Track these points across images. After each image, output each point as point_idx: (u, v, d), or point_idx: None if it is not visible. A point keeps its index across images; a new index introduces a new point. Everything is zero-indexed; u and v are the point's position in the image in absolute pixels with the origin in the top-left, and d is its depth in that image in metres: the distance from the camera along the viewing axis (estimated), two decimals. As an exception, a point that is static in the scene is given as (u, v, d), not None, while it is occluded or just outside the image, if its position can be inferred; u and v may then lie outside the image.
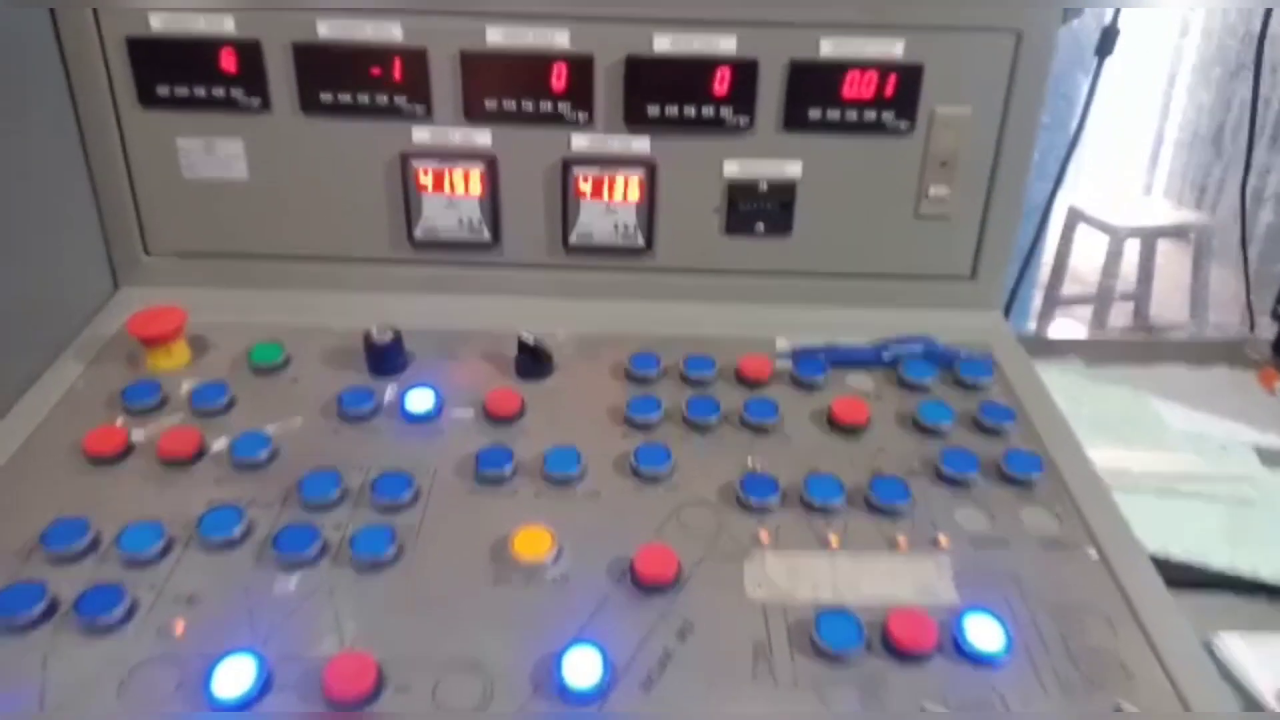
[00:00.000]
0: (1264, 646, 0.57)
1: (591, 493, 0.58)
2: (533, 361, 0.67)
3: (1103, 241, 2.95)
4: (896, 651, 0.47)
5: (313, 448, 0.60)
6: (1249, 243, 1.09)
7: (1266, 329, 1.02)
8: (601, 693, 0.44)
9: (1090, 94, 0.85)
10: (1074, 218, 3.03)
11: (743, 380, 0.68)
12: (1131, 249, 2.97)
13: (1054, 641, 0.48)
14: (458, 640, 0.47)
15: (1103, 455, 0.72)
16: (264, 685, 0.44)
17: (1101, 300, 3.01)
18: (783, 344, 0.71)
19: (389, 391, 0.65)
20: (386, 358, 0.67)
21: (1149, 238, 2.99)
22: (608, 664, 0.45)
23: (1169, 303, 3.13)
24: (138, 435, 0.60)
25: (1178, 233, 3.05)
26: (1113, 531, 0.57)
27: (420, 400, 0.63)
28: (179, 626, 0.47)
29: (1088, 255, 3.10)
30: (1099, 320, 3.04)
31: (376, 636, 0.47)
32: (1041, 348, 0.96)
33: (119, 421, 0.61)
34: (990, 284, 0.76)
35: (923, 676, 0.46)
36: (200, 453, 0.59)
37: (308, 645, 0.47)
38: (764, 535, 0.55)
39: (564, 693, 0.44)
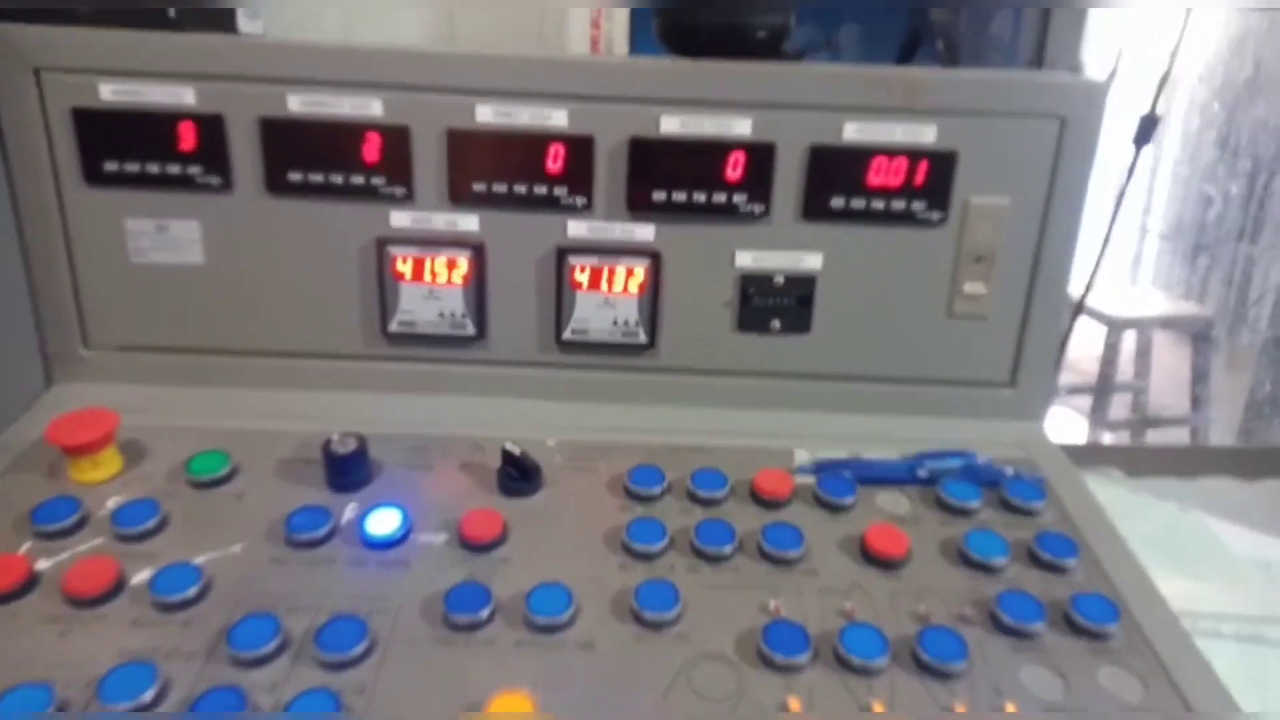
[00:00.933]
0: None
1: (584, 643, 0.48)
2: (518, 476, 0.59)
3: (1097, 331, 2.91)
4: None
5: (251, 583, 0.50)
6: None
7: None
8: None
9: (1126, 184, 0.79)
10: (1073, 308, 3.00)
11: (759, 499, 0.59)
12: (1128, 340, 2.93)
13: None
14: None
15: (1166, 590, 0.63)
16: None
17: (1101, 391, 2.95)
18: (803, 456, 0.63)
19: (348, 511, 0.56)
20: (347, 470, 0.58)
21: (1145, 328, 2.96)
22: None
23: (1166, 395, 3.08)
24: (43, 565, 0.50)
25: (1175, 324, 3.02)
26: (1207, 695, 0.47)
27: (383, 522, 0.54)
28: (55, 831, 0.37)
29: (1082, 345, 3.06)
30: (1099, 411, 2.98)
31: None
32: (1077, 456, 0.88)
33: (24, 548, 0.52)
34: (1031, 391, 0.68)
35: None
36: (116, 587, 0.49)
37: None
38: (793, 703, 0.45)
39: None
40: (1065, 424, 3.17)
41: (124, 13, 0.59)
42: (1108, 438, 2.92)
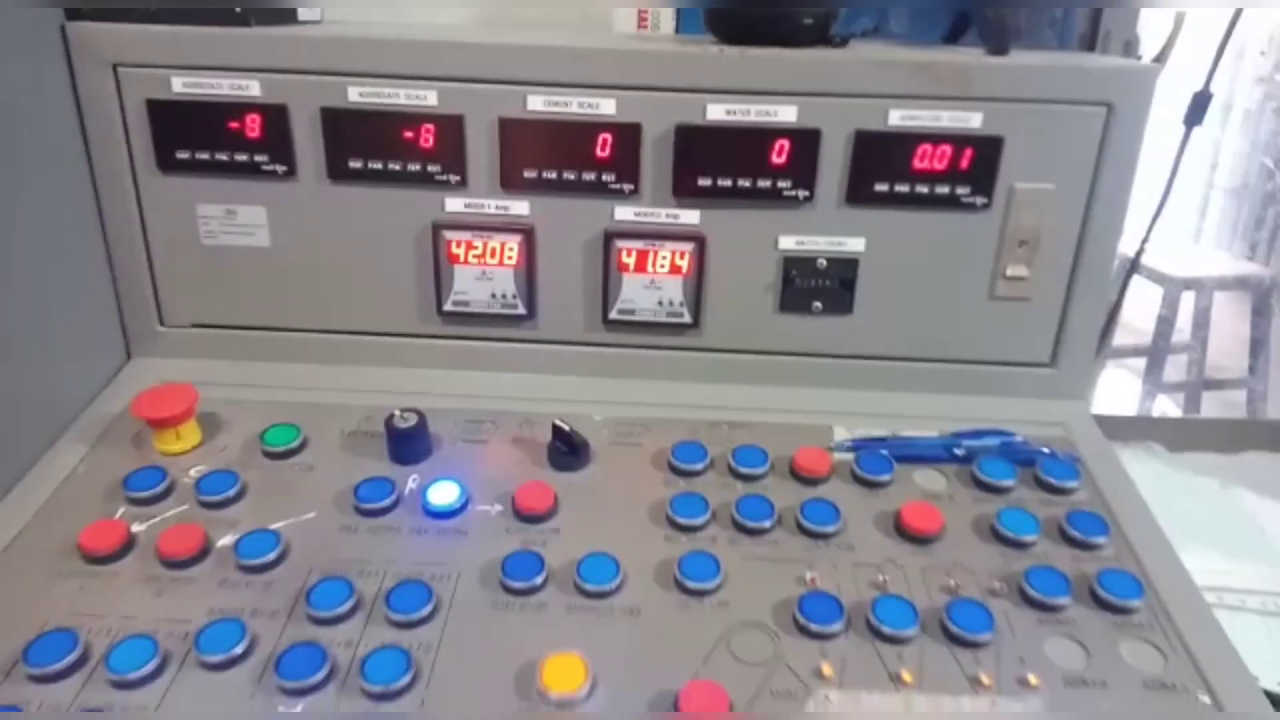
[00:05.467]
0: None
1: (630, 609, 0.51)
2: (567, 450, 0.62)
3: (1154, 291, 2.85)
4: (990, 832, 0.40)
5: (325, 547, 0.55)
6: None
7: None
8: None
9: (1176, 165, 0.79)
10: (1124, 267, 2.94)
11: (798, 475, 0.62)
12: (1186, 301, 2.87)
13: (1175, 820, 0.41)
14: (477, 798, 0.41)
15: (1199, 568, 0.64)
16: None
17: (1157, 353, 2.90)
18: (841, 434, 0.65)
19: (410, 482, 0.60)
20: (409, 444, 0.61)
21: (1206, 289, 2.89)
22: (650, 838, 0.38)
23: (1226, 356, 3.01)
24: (138, 528, 0.55)
25: (1235, 285, 2.94)
26: (1226, 671, 0.49)
27: (443, 494, 0.58)
28: (164, 768, 0.42)
29: (1140, 305, 3.00)
30: (1154, 373, 2.93)
31: (384, 790, 0.41)
32: (1119, 429, 0.89)
33: (119, 513, 0.57)
34: (1073, 372, 0.69)
35: None
36: (204, 551, 0.54)
37: (306, 799, 0.41)
38: (826, 669, 0.48)
39: None
40: (1119, 386, 3.13)
41: (193, 10, 0.62)
42: (1161, 400, 2.87)
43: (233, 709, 0.45)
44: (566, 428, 0.62)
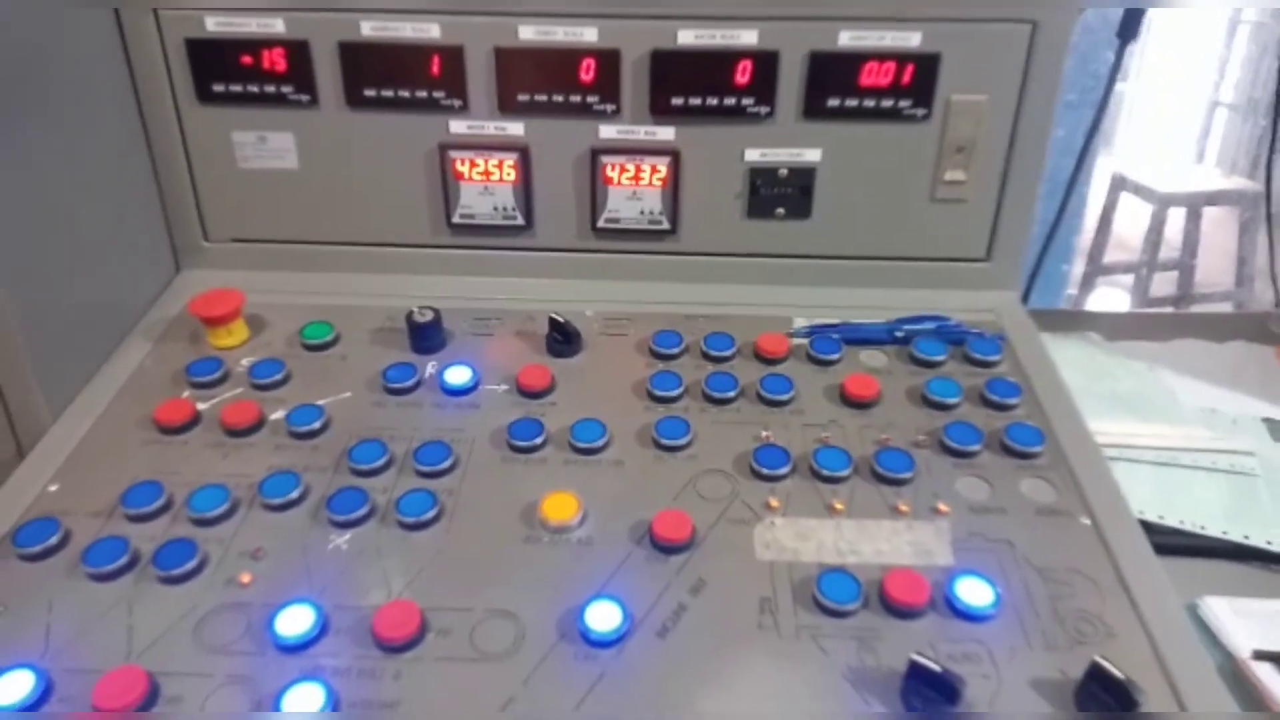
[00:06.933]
0: (1246, 609, 0.60)
1: (615, 462, 0.62)
2: (563, 339, 0.72)
3: (1148, 211, 2.91)
4: (892, 607, 0.51)
5: (361, 418, 0.65)
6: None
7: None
8: (620, 639, 0.49)
9: (1111, 77, 0.86)
10: (1118, 185, 2.99)
11: (760, 357, 0.72)
12: (1177, 217, 2.92)
13: (1042, 601, 0.52)
14: (492, 593, 0.52)
15: (1112, 429, 0.75)
16: (321, 629, 0.50)
17: (1143, 268, 2.97)
18: (800, 323, 0.75)
19: (429, 367, 0.70)
20: (427, 336, 0.72)
21: (1194, 205, 2.94)
22: (627, 615, 0.50)
23: (1217, 272, 3.08)
24: (202, 406, 0.66)
25: (1223, 200, 2.99)
26: (1106, 500, 0.60)
27: (458, 376, 0.68)
28: (245, 577, 0.53)
29: (1135, 223, 3.06)
30: (1141, 288, 3.01)
31: (420, 588, 0.52)
32: (1062, 322, 0.99)
33: (185, 394, 0.67)
34: (1005, 265, 0.78)
35: (915, 630, 0.50)
36: (260, 423, 0.65)
37: (360, 595, 0.52)
38: (774, 502, 0.59)
39: (587, 638, 0.49)
40: (1111, 302, 3.20)
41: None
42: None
43: (293, 539, 0.56)
44: (562, 320, 0.72)
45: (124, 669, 0.47)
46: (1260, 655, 0.57)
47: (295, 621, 0.49)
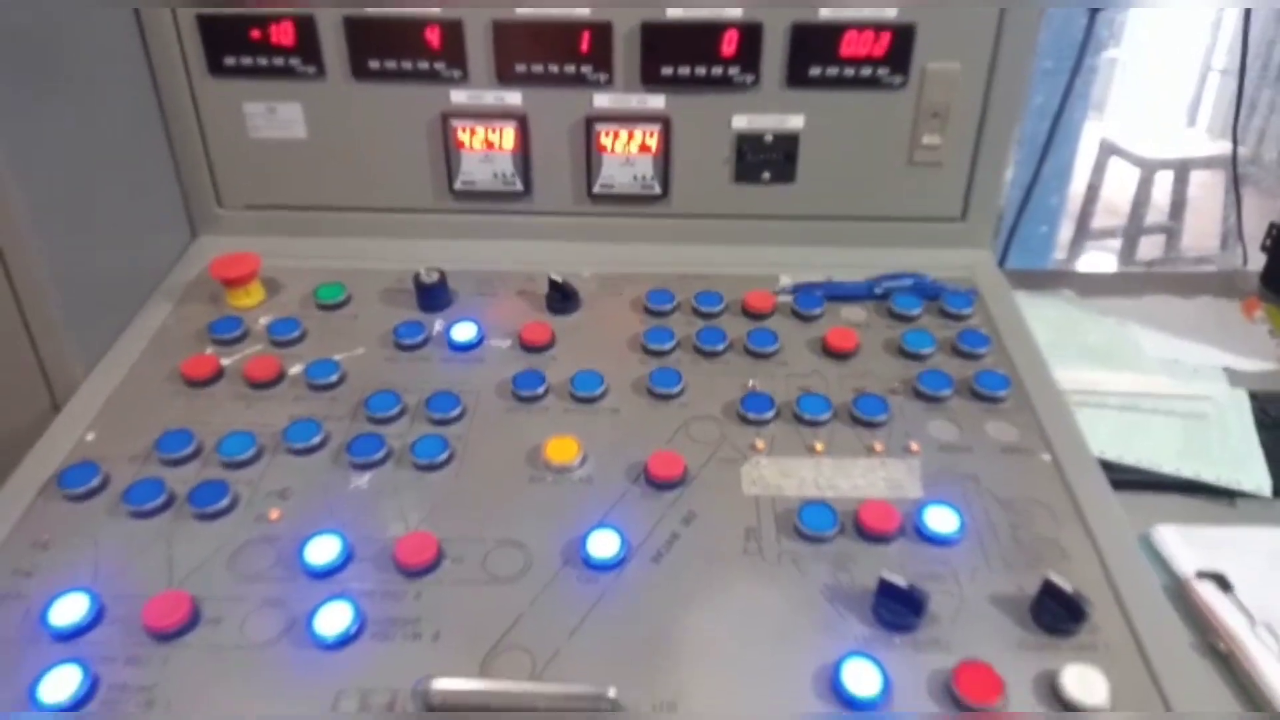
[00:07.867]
0: (1195, 536, 0.65)
1: (613, 409, 0.67)
2: (561, 298, 0.76)
3: (1135, 175, 2.95)
4: (865, 534, 0.56)
5: (374, 372, 0.70)
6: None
7: (1258, 262, 1.08)
8: (619, 563, 0.54)
9: (1083, 44, 0.90)
10: (1106, 150, 3.03)
11: (747, 313, 0.76)
12: (1165, 181, 2.96)
13: (1003, 528, 0.57)
14: (501, 525, 0.57)
15: (1077, 377, 0.80)
16: (347, 558, 0.55)
17: (1131, 232, 3.01)
18: (785, 280, 0.80)
19: (437, 325, 0.74)
20: (434, 295, 0.76)
21: (1181, 170, 2.98)
22: (625, 543, 0.55)
23: (1207, 236, 3.12)
24: (226, 361, 0.70)
25: (1211, 164, 3.03)
26: (1067, 439, 0.65)
27: (464, 332, 0.73)
28: (274, 514, 0.58)
29: (1125, 188, 3.09)
30: (1128, 252, 3.05)
31: (435, 522, 0.57)
32: (1037, 281, 1.03)
33: (209, 351, 0.72)
34: (979, 224, 0.83)
35: (886, 553, 0.55)
36: (280, 376, 0.69)
37: (380, 528, 0.57)
38: (759, 444, 0.64)
39: (588, 563, 0.54)
40: (1099, 266, 3.24)
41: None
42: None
43: (317, 480, 0.61)
44: (560, 280, 0.76)
45: (169, 593, 0.52)
46: (1203, 574, 0.62)
47: (323, 550, 0.54)
